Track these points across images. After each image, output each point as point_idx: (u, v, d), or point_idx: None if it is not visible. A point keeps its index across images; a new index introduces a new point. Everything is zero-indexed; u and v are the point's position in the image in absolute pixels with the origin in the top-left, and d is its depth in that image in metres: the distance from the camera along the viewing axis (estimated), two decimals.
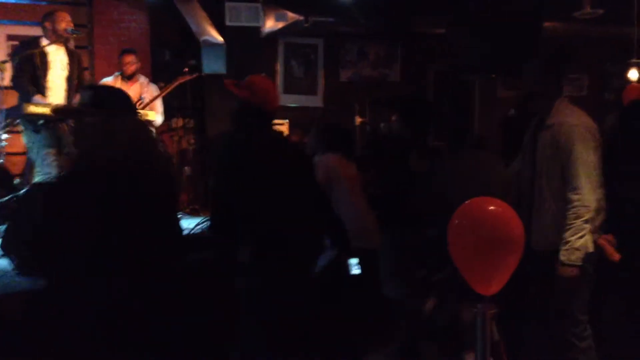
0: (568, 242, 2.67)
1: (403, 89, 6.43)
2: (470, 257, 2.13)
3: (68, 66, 4.32)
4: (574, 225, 2.67)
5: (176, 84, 5.10)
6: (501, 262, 2.10)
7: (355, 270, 3.36)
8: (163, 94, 5.08)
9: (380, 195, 3.53)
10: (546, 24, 5.88)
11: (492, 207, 2.18)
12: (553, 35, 6.04)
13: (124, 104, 2.16)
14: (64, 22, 4.27)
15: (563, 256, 2.68)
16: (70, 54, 4.38)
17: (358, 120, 5.58)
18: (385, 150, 3.82)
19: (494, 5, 5.87)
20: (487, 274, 2.11)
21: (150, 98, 5.02)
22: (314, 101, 6.39)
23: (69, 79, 4.32)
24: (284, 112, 6.14)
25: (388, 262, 3.44)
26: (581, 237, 2.67)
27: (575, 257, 2.67)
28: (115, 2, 5.67)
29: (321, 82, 6.51)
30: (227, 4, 5.89)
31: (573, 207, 2.68)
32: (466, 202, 2.19)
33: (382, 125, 6.05)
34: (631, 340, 3.17)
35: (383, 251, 3.41)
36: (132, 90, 4.97)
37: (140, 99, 4.98)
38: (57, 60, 4.28)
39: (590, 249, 2.69)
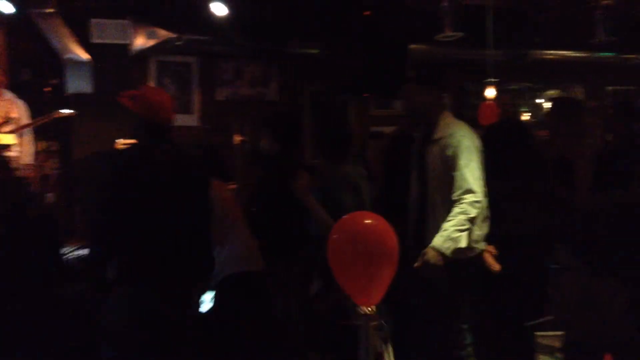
0: (446, 230, 2.75)
1: (279, 108, 6.47)
2: (349, 271, 2.17)
3: None
4: (458, 218, 2.75)
5: (51, 117, 4.78)
6: (379, 274, 2.15)
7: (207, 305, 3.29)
8: (37, 124, 4.74)
9: (257, 215, 3.49)
10: (412, 46, 6.22)
11: (368, 221, 2.23)
12: (419, 56, 6.40)
13: None
14: None
15: (436, 241, 2.75)
16: None
17: (237, 139, 5.53)
18: (260, 169, 3.80)
19: (365, 27, 6.12)
20: (367, 287, 2.15)
21: (22, 116, 4.71)
22: (190, 120, 6.23)
23: None
24: None
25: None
26: (460, 230, 2.74)
27: (447, 246, 2.73)
28: None
29: (197, 100, 6.38)
30: (93, 21, 5.61)
31: (461, 203, 2.77)
32: (344, 216, 2.23)
33: (261, 143, 6.04)
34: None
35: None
36: None
37: (7, 119, 4.61)
38: None
39: (463, 244, 2.76)
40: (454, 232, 2.74)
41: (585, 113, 3.40)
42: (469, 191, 2.77)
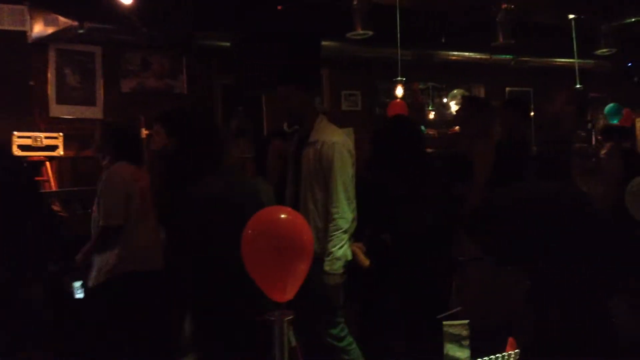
0: (331, 252, 2.88)
1: (188, 102, 6.32)
2: (264, 266, 2.15)
3: None
4: (334, 236, 2.89)
5: None
6: (294, 269, 2.15)
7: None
8: None
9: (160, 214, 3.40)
10: (324, 43, 6.27)
11: (283, 215, 2.22)
12: (330, 54, 6.47)
13: None
14: None
15: (327, 266, 2.88)
16: None
17: (144, 132, 5.32)
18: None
19: (277, 22, 6.09)
20: (282, 282, 2.15)
21: None
22: (93, 112, 5.92)
23: None
24: (58, 125, 5.61)
25: None
26: (341, 247, 2.89)
27: (337, 267, 2.89)
28: None
29: (100, 92, 6.08)
30: None
31: (333, 220, 2.90)
32: (258, 211, 2.21)
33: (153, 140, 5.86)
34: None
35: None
36: None
37: None
38: None
39: (349, 257, 2.93)
40: (337, 251, 2.88)
41: (490, 113, 3.57)
42: (340, 205, 2.90)
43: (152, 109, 5.88)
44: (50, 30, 5.44)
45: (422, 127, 5.43)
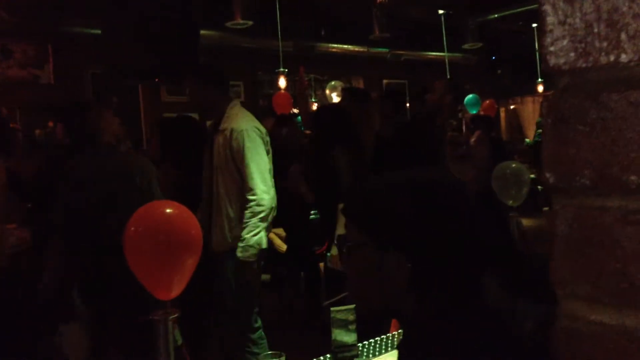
0: (244, 239, 2.79)
1: (57, 92, 5.89)
2: (148, 263, 2.06)
3: None
4: (250, 223, 2.80)
5: None
6: (181, 265, 2.08)
7: None
8: None
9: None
10: (203, 32, 6.12)
11: (168, 210, 2.14)
12: (210, 43, 6.33)
13: None
14: None
15: (239, 253, 2.79)
16: None
17: (10, 125, 4.89)
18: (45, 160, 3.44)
19: (152, 9, 5.84)
20: (168, 279, 2.07)
21: None
22: None
23: None
24: None
25: None
26: (256, 234, 2.81)
27: (250, 254, 2.80)
28: None
29: None
30: None
31: (249, 207, 2.82)
32: (142, 207, 2.11)
33: (37, 132, 5.43)
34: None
35: None
36: None
37: None
38: None
39: (264, 245, 2.86)
40: (250, 238, 2.80)
41: (371, 103, 3.67)
42: (254, 190, 2.83)
43: (17, 100, 5.46)
44: None
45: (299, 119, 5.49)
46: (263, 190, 2.85)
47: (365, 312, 1.37)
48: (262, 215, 2.83)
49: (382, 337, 1.91)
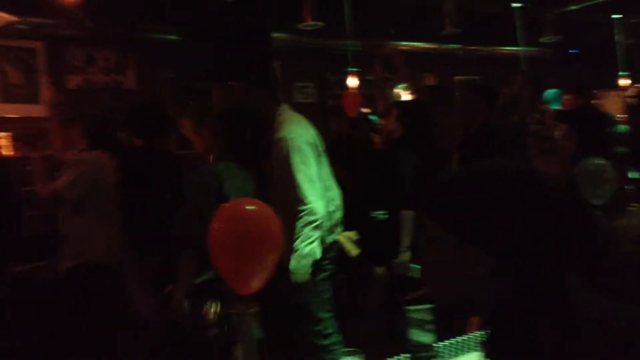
0: (297, 249, 2.72)
1: (138, 97, 6.16)
2: (229, 259, 2.12)
3: None
4: (303, 232, 2.73)
5: None
6: (261, 261, 2.12)
7: None
8: None
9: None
10: (276, 35, 6.23)
11: (250, 207, 2.19)
12: (281, 45, 6.43)
13: None
14: None
15: (292, 264, 2.72)
16: None
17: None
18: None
19: (225, 14, 6.01)
20: (247, 274, 2.11)
21: None
22: (37, 111, 5.70)
23: None
24: (2, 124, 5.39)
25: None
26: (309, 244, 2.73)
27: (304, 264, 2.72)
28: None
29: (44, 89, 5.86)
30: None
31: (301, 217, 2.74)
32: (225, 204, 2.18)
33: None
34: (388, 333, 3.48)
35: None
36: None
37: None
38: None
39: (318, 255, 2.76)
40: (304, 248, 2.72)
41: (454, 99, 3.59)
42: (305, 200, 2.75)
43: (101, 105, 5.74)
44: None
45: (374, 117, 5.46)
46: (314, 198, 2.77)
47: (443, 309, 1.36)
48: (315, 224, 2.75)
49: (461, 337, 1.88)
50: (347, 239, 3.02)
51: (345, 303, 4.23)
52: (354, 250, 2.99)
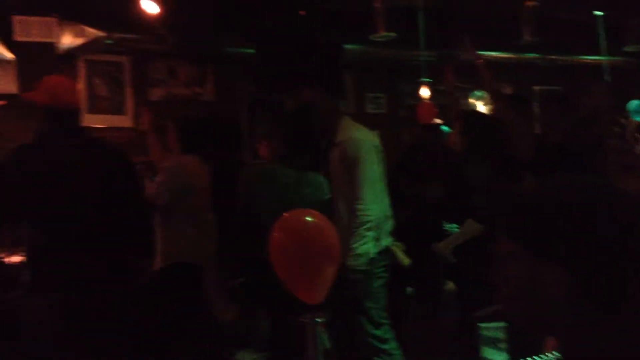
0: (352, 248, 2.84)
1: (217, 108, 6.38)
2: (291, 268, 2.16)
3: None
4: (357, 232, 2.85)
5: None
6: (321, 272, 2.15)
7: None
8: None
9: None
10: (347, 46, 6.28)
11: (309, 218, 2.23)
12: (353, 56, 6.48)
13: None
14: None
15: (348, 261, 2.82)
16: None
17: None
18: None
19: (298, 27, 6.13)
20: (310, 284, 2.15)
21: None
22: (123, 121, 6.03)
23: None
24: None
25: None
26: (363, 244, 2.83)
27: (359, 263, 2.84)
28: None
29: (129, 101, 6.18)
30: (15, 18, 5.35)
31: (357, 217, 2.86)
32: (285, 213, 2.23)
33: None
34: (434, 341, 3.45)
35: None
36: None
37: None
38: None
39: (372, 254, 2.87)
40: (359, 247, 2.84)
41: (531, 109, 3.50)
42: (361, 200, 2.85)
43: (180, 116, 5.98)
44: (79, 41, 5.55)
45: (447, 128, 5.38)
46: (371, 199, 2.88)
47: (517, 328, 1.33)
48: (368, 225, 2.84)
49: (536, 357, 1.82)
50: (398, 248, 3.06)
51: (416, 317, 4.19)
52: (405, 260, 3.02)
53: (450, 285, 3.76)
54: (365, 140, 2.99)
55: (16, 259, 3.80)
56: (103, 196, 2.44)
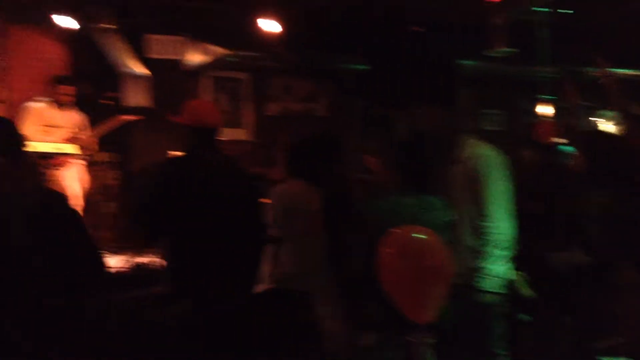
0: (483, 269, 2.68)
1: (329, 124, 6.52)
2: (402, 285, 2.14)
3: None
4: (490, 253, 2.69)
5: (114, 124, 5.04)
6: (432, 290, 2.12)
7: None
8: (106, 130, 5.00)
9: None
10: (463, 62, 6.17)
11: (420, 235, 2.21)
12: (468, 72, 6.35)
13: None
14: None
15: (479, 283, 2.68)
16: None
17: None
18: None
19: (413, 42, 6.12)
20: (420, 303, 2.12)
21: (83, 128, 4.94)
22: (241, 135, 6.34)
23: None
24: None
25: None
26: (495, 264, 2.68)
27: (491, 285, 2.67)
28: (32, 33, 5.44)
29: (247, 116, 6.49)
30: (150, 37, 5.80)
31: (488, 235, 2.70)
32: (394, 230, 2.21)
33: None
34: None
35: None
36: (70, 118, 4.87)
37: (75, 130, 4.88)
38: None
39: (505, 276, 2.70)
40: (490, 268, 2.67)
41: None
42: (492, 218, 2.71)
43: (293, 131, 6.18)
44: (204, 59, 5.93)
45: (569, 148, 5.10)
46: (499, 217, 2.71)
47: None
48: (502, 244, 2.69)
49: None
50: (521, 277, 2.85)
51: (530, 347, 3.98)
52: (527, 291, 2.81)
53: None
54: (490, 157, 2.85)
55: (145, 259, 4.11)
56: (239, 210, 2.60)
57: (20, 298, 1.81)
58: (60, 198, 2.03)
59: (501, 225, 2.71)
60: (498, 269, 2.69)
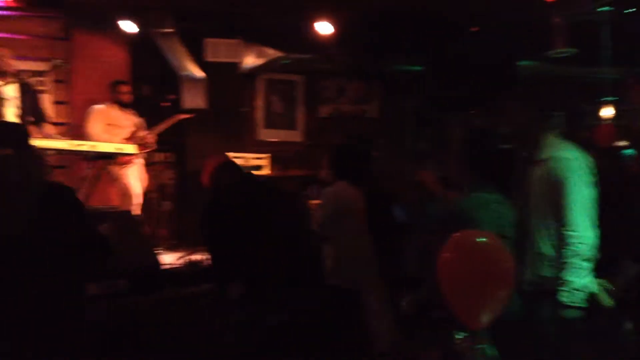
0: (568, 282, 2.50)
1: (381, 125, 6.49)
2: (460, 291, 2.10)
3: (19, 102, 4.28)
4: (573, 264, 2.51)
5: (172, 122, 5.20)
6: (491, 296, 2.06)
7: None
8: (160, 130, 5.17)
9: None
10: (520, 63, 6.03)
11: (481, 239, 2.16)
12: (527, 73, 6.19)
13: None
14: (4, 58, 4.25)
15: (565, 298, 2.50)
16: (23, 89, 4.33)
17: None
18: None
19: (469, 43, 6.01)
20: (477, 308, 2.07)
21: (142, 128, 5.11)
22: (294, 136, 6.40)
23: (22, 115, 4.28)
24: (264, 147, 6.16)
25: None
26: (581, 276, 2.51)
27: (579, 299, 2.49)
28: (95, 37, 5.66)
29: (300, 117, 6.55)
30: (207, 40, 5.93)
31: (570, 245, 2.53)
32: (455, 234, 2.17)
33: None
34: None
35: None
36: (130, 118, 5.07)
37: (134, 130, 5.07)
38: (6, 96, 4.25)
39: (592, 289, 2.53)
40: (576, 281, 2.49)
41: None
42: (574, 226, 2.51)
43: (346, 132, 6.19)
44: (259, 61, 6.01)
45: (631, 151, 4.89)
46: (584, 226, 2.51)
47: None
48: (586, 255, 2.50)
49: None
50: (601, 286, 2.67)
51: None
52: (607, 301, 2.62)
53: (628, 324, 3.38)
54: (574, 160, 2.67)
55: (199, 257, 4.23)
56: (286, 222, 2.82)
57: (24, 289, 1.90)
58: (65, 190, 2.12)
59: (585, 234, 2.51)
60: (582, 281, 2.50)
